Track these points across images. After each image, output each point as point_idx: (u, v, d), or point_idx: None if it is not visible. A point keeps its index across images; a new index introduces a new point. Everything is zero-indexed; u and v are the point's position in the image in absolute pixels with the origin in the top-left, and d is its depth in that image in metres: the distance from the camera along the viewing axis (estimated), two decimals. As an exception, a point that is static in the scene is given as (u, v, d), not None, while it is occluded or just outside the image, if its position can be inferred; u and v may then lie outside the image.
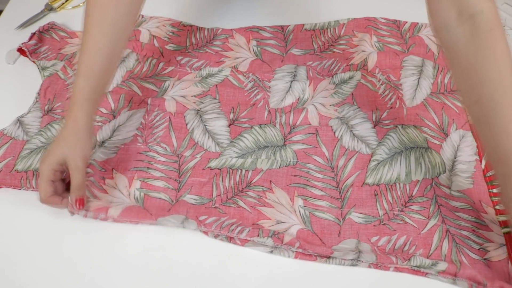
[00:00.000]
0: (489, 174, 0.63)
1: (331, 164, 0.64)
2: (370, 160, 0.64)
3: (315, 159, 0.65)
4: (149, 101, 0.71)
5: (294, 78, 0.75)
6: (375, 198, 0.61)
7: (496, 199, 0.61)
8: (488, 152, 0.53)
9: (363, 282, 0.54)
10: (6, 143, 0.66)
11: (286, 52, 0.79)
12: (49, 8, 0.86)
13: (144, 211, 0.58)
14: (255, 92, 0.73)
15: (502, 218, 0.59)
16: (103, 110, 0.70)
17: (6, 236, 0.58)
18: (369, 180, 0.63)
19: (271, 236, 0.56)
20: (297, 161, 0.65)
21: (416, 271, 0.54)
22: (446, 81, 0.73)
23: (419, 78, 0.73)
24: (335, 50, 0.79)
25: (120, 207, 0.58)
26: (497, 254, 0.56)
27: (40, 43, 0.79)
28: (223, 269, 0.55)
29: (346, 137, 0.67)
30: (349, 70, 0.76)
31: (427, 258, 0.55)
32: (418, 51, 0.78)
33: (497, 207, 0.60)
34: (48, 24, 0.81)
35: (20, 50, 0.78)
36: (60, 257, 0.56)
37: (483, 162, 0.64)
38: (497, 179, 0.52)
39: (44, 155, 0.54)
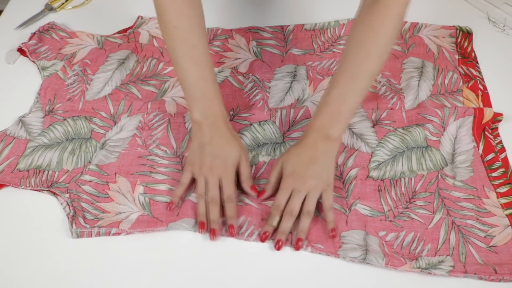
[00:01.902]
0: (487, 158, 0.64)
1: None
2: (370, 160, 0.64)
3: None
4: (149, 105, 0.71)
5: (294, 78, 0.75)
6: (378, 194, 0.61)
7: (496, 182, 0.62)
8: (324, 92, 0.60)
9: (365, 283, 0.54)
10: (9, 143, 0.67)
11: (286, 52, 0.79)
12: (49, 8, 0.86)
13: (154, 219, 0.59)
14: (255, 92, 0.73)
15: (503, 200, 0.60)
16: (103, 114, 0.70)
17: (6, 236, 0.58)
18: (374, 174, 0.63)
19: None
20: None
21: (427, 273, 0.54)
22: (446, 82, 0.73)
23: (419, 80, 0.73)
24: (335, 50, 0.79)
25: (130, 220, 0.59)
26: (502, 237, 0.57)
27: (40, 43, 0.79)
28: (223, 269, 0.56)
29: (345, 135, 0.67)
30: (349, 70, 0.75)
31: (435, 253, 0.56)
32: (418, 51, 0.78)
33: (498, 190, 0.61)
34: (48, 24, 0.81)
35: (20, 50, 0.78)
36: (60, 257, 0.57)
37: (480, 147, 0.65)
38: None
39: (221, 165, 0.59)
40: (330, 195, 0.58)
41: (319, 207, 0.59)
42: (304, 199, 0.57)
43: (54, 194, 0.61)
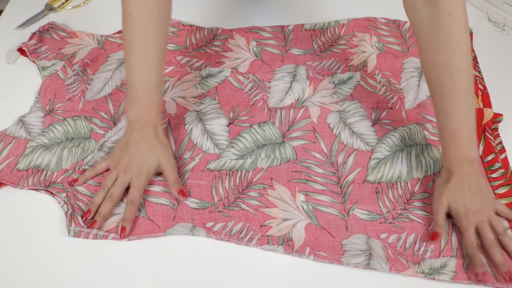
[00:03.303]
0: (487, 159, 0.64)
1: (331, 159, 0.65)
2: (370, 158, 0.64)
3: (314, 156, 0.65)
4: None
5: (294, 78, 0.75)
6: (376, 196, 0.61)
7: (496, 183, 0.62)
8: (439, 126, 0.59)
9: (366, 283, 0.54)
10: (9, 143, 0.66)
11: (286, 52, 0.79)
12: (49, 8, 0.86)
13: (151, 224, 0.59)
14: (255, 93, 0.73)
15: (502, 201, 0.60)
16: (103, 115, 0.70)
17: (6, 236, 0.58)
18: (371, 178, 0.63)
19: (281, 244, 0.57)
20: (296, 157, 0.65)
21: (431, 278, 0.54)
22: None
23: (419, 80, 0.73)
24: (335, 50, 0.79)
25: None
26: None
27: (40, 43, 0.79)
28: (223, 269, 0.56)
29: (345, 134, 0.67)
30: (349, 70, 0.76)
31: (439, 254, 0.56)
32: (418, 51, 0.78)
33: (497, 191, 0.61)
34: (48, 24, 0.81)
35: (20, 50, 0.78)
36: (59, 257, 0.57)
37: (480, 148, 0.65)
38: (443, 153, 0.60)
39: (135, 168, 0.59)
40: (503, 206, 0.59)
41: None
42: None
43: (52, 194, 0.61)
